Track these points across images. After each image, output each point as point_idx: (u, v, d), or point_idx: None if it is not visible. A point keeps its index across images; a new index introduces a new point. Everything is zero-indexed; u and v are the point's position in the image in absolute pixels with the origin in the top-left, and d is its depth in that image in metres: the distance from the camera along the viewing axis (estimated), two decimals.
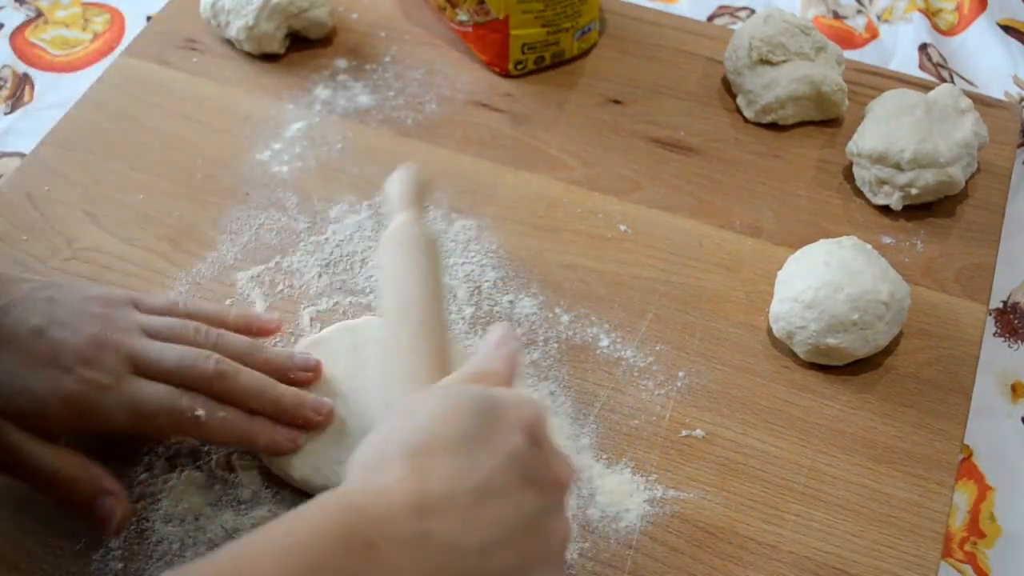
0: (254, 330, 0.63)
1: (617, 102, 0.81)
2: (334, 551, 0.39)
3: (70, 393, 0.53)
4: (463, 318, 0.67)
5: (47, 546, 0.57)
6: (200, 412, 0.55)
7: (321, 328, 0.66)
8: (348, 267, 0.70)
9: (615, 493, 0.60)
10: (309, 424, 0.58)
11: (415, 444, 0.43)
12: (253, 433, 0.57)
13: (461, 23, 0.81)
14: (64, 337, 0.54)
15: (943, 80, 0.87)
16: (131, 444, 0.61)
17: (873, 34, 0.92)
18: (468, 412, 0.43)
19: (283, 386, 0.58)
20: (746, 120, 0.79)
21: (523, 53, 0.80)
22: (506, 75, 0.81)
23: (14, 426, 0.53)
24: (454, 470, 0.42)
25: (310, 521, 0.40)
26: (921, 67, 0.88)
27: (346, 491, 0.42)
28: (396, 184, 0.59)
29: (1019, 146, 0.80)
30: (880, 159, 0.71)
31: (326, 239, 0.71)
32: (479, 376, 0.48)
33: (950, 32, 0.92)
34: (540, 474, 0.44)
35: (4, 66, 0.88)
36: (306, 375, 0.60)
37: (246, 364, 0.58)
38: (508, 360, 0.49)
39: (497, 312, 0.67)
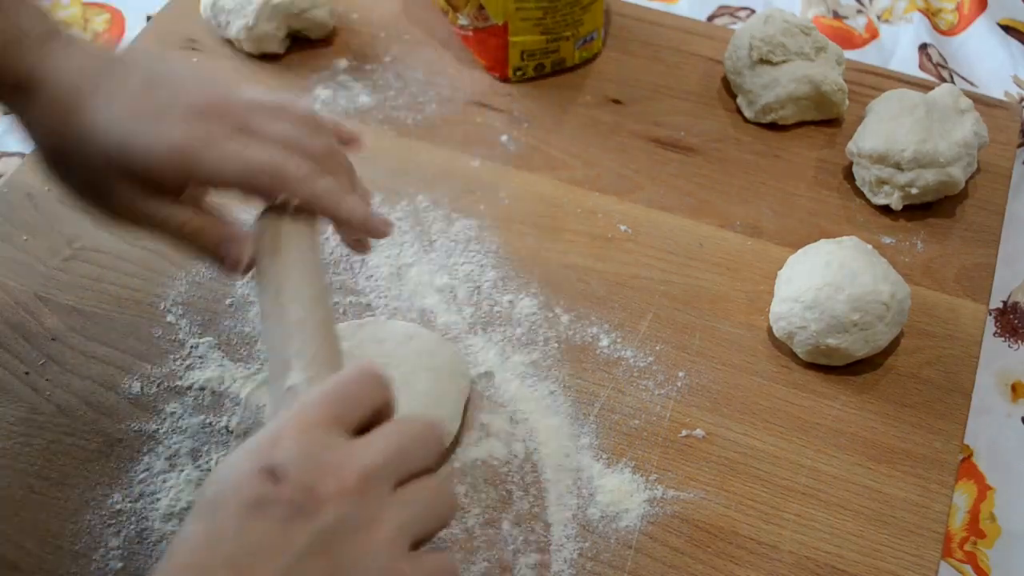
0: (339, 134, 0.61)
1: (617, 102, 0.81)
2: None
3: (177, 142, 0.52)
4: (463, 318, 0.67)
5: (47, 546, 0.57)
6: (309, 171, 0.54)
7: None
8: (348, 267, 0.70)
9: (615, 493, 0.60)
10: (383, 231, 0.57)
11: (199, 538, 0.41)
12: (353, 206, 0.55)
13: (462, 27, 0.81)
14: (175, 91, 0.53)
15: (943, 80, 0.87)
16: (131, 444, 0.61)
17: (873, 34, 0.92)
18: (224, 489, 0.41)
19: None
20: (746, 120, 0.79)
21: (523, 60, 0.80)
22: (506, 81, 0.81)
23: (128, 183, 0.53)
24: (210, 558, 0.40)
25: None
26: (921, 67, 0.88)
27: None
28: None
29: (1019, 146, 0.80)
30: (880, 159, 0.71)
31: (326, 239, 0.71)
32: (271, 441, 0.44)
33: (950, 32, 0.92)
34: (307, 504, 0.41)
35: None
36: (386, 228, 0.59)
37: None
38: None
39: (497, 312, 0.67)
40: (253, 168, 0.53)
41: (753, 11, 0.93)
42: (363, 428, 0.44)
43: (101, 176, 0.52)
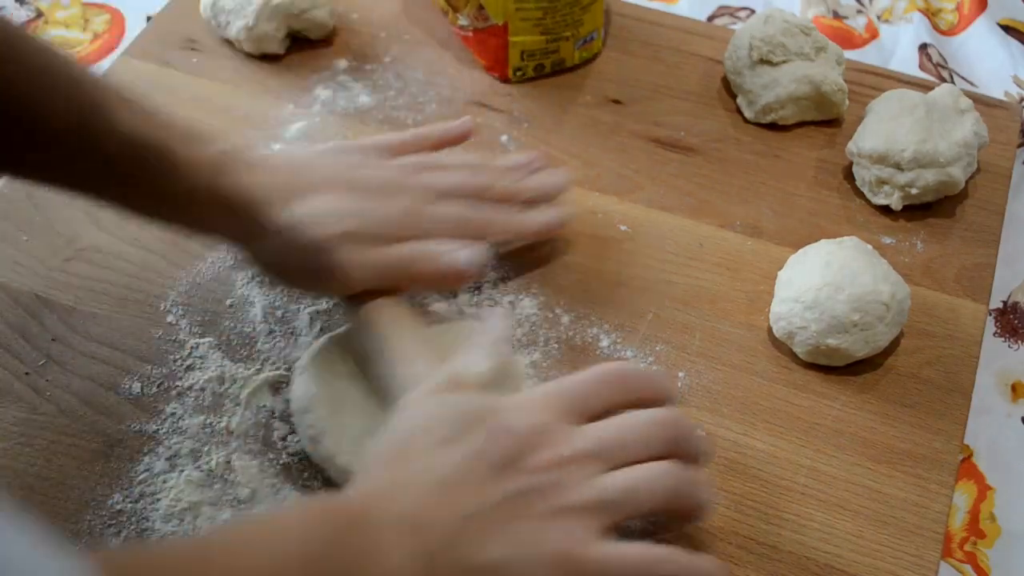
0: (452, 139, 0.70)
1: (617, 102, 0.81)
2: (319, 539, 0.44)
3: (399, 218, 0.61)
4: (463, 318, 0.67)
5: None
6: (493, 213, 0.65)
7: (320, 328, 0.66)
8: None
9: None
10: (559, 193, 0.69)
11: (393, 454, 0.50)
12: (534, 223, 0.67)
13: (462, 27, 0.81)
14: (367, 177, 0.62)
15: (943, 80, 0.87)
16: (131, 444, 0.61)
17: (873, 34, 0.92)
18: (445, 422, 0.50)
19: (525, 179, 0.69)
20: (746, 120, 0.79)
21: (522, 60, 0.80)
22: (506, 81, 0.81)
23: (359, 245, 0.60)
24: (419, 469, 0.49)
25: (296, 516, 0.47)
26: (921, 67, 0.88)
27: (325, 496, 0.51)
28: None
29: (1019, 146, 0.80)
30: (880, 159, 0.71)
31: None
32: (460, 380, 0.53)
33: (950, 32, 0.92)
34: (519, 462, 0.48)
35: None
36: (537, 165, 0.69)
37: (490, 172, 0.68)
38: (494, 354, 0.55)
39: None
40: (455, 226, 0.62)
41: (753, 11, 0.93)
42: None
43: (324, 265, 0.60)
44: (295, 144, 0.75)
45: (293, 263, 0.60)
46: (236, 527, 0.46)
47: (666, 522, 0.54)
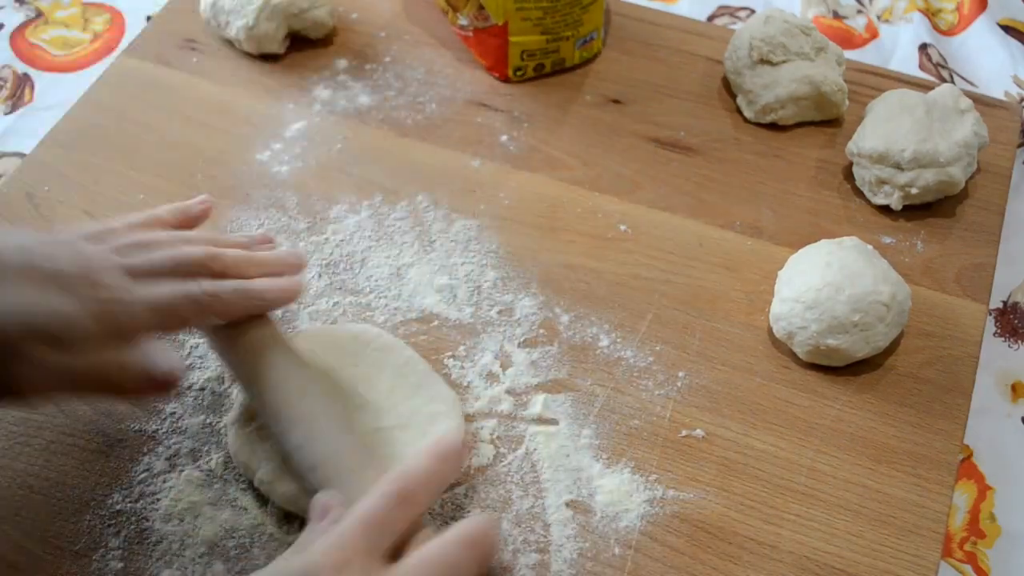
0: (190, 218, 0.64)
1: (617, 102, 0.81)
2: None
3: (91, 309, 0.52)
4: (463, 318, 0.67)
5: (47, 546, 0.57)
6: (210, 287, 0.56)
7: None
8: (348, 267, 0.70)
9: (615, 493, 0.60)
10: (299, 270, 0.62)
11: None
12: (264, 290, 0.59)
13: (462, 27, 0.81)
14: (55, 265, 0.53)
15: (943, 80, 0.87)
16: (131, 444, 0.61)
17: (873, 34, 0.92)
18: None
19: (259, 253, 0.62)
20: (746, 120, 0.79)
21: (523, 60, 0.80)
22: (506, 81, 0.81)
23: (49, 348, 0.52)
24: None
25: None
26: (921, 67, 0.88)
27: None
28: None
29: (1019, 146, 0.80)
30: (880, 159, 0.71)
31: (326, 239, 0.71)
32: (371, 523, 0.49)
33: (950, 32, 0.92)
34: None
35: (4, 66, 0.88)
36: (268, 245, 0.63)
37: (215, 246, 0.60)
38: (402, 507, 0.50)
39: (497, 312, 0.67)
40: (167, 308, 0.55)
41: (753, 11, 0.93)
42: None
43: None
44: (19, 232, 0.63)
45: None
46: None
47: None
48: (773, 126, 0.79)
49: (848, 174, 0.75)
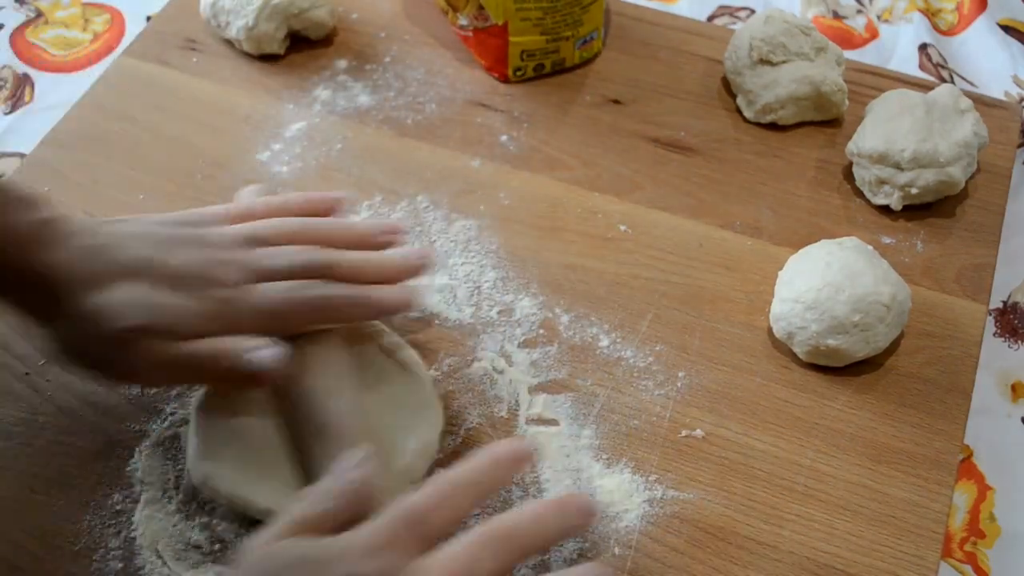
0: (320, 210, 0.64)
1: (617, 102, 0.81)
2: None
3: (206, 308, 0.55)
4: (463, 318, 0.67)
5: (47, 546, 0.57)
6: (323, 293, 0.58)
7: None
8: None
9: (615, 493, 0.60)
10: (421, 272, 0.62)
11: None
12: (376, 300, 0.60)
13: (462, 27, 0.81)
14: (175, 261, 0.56)
15: (943, 80, 0.87)
16: (131, 444, 0.61)
17: (873, 34, 0.92)
18: None
19: (380, 252, 0.62)
20: (746, 120, 0.79)
21: (522, 60, 0.80)
22: (506, 81, 0.81)
23: (160, 338, 0.55)
24: None
25: None
26: (921, 67, 0.88)
27: None
28: None
29: (1019, 146, 0.80)
30: (880, 159, 0.71)
31: None
32: (305, 523, 0.48)
33: (950, 32, 0.92)
34: None
35: (4, 66, 0.88)
36: (392, 236, 0.63)
37: (339, 241, 0.61)
38: (348, 497, 0.49)
39: (497, 312, 0.67)
40: (280, 311, 0.57)
41: (753, 11, 0.93)
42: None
43: (123, 347, 0.54)
44: (139, 218, 0.62)
45: (91, 353, 0.55)
46: None
47: None
48: (773, 126, 0.79)
49: (848, 174, 0.75)
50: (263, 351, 0.55)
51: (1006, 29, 0.92)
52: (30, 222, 0.55)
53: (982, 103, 0.79)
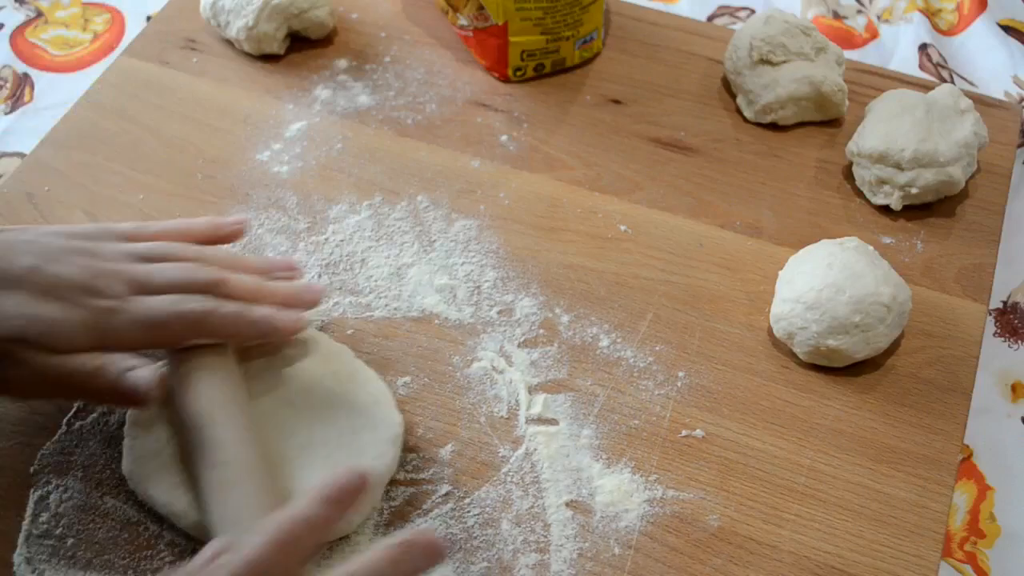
0: (222, 236, 0.63)
1: (617, 102, 0.81)
2: None
3: (84, 319, 0.53)
4: (463, 318, 0.67)
5: None
6: (205, 306, 0.56)
7: (321, 327, 0.66)
8: (348, 267, 0.70)
9: (615, 493, 0.60)
10: (311, 305, 0.62)
11: None
12: (263, 319, 0.58)
13: (462, 27, 0.81)
14: (59, 271, 0.53)
15: (943, 80, 0.87)
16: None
17: (873, 34, 0.92)
18: None
19: (273, 282, 0.61)
20: (746, 120, 0.79)
21: (522, 60, 0.80)
22: (506, 81, 0.81)
23: (37, 353, 0.54)
24: None
25: None
26: (921, 67, 0.88)
27: None
28: None
29: (1019, 146, 0.80)
30: (880, 159, 0.71)
31: (326, 239, 0.71)
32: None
33: (950, 32, 0.92)
34: None
35: (4, 66, 0.88)
36: (289, 274, 0.62)
37: (234, 270, 0.59)
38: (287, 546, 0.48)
39: (497, 312, 0.67)
40: (158, 323, 0.54)
41: (753, 11, 0.93)
42: None
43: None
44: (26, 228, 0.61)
45: None
46: None
47: None
48: (773, 126, 0.79)
49: (848, 174, 0.76)
50: (140, 372, 0.54)
51: (1006, 29, 0.92)
52: None
53: (982, 103, 0.79)
